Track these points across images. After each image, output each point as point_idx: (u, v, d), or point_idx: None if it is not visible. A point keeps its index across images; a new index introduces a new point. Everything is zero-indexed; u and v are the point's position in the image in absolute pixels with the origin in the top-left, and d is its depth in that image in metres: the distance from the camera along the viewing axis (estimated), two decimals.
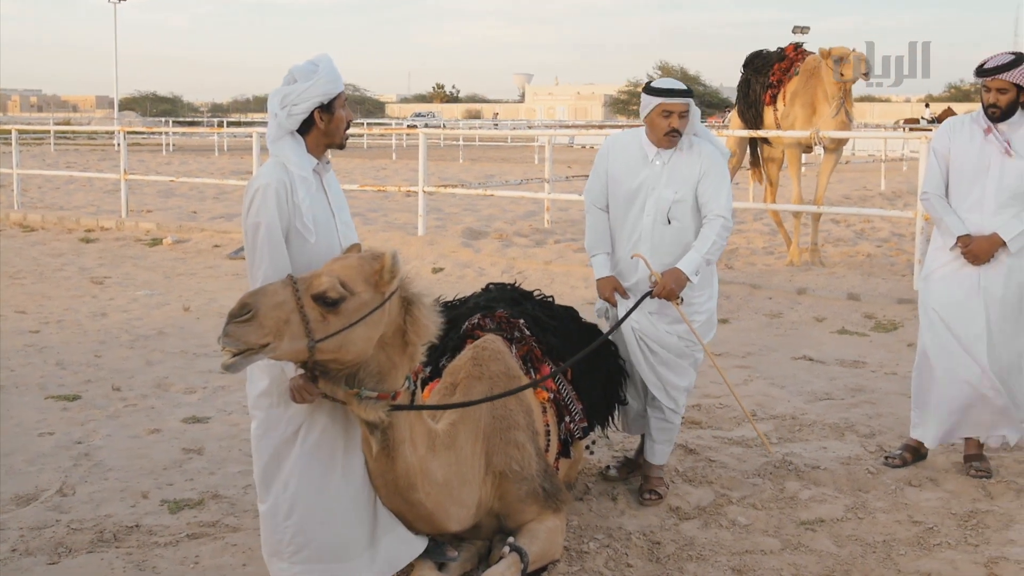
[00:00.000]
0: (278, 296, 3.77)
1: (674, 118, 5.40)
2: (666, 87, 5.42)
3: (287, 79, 4.23)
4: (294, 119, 4.19)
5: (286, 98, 4.18)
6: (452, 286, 11.43)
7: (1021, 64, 5.80)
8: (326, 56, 4.31)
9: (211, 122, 63.84)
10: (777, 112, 13.41)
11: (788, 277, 12.41)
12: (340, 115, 4.29)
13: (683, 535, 5.24)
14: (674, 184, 5.46)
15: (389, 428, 4.07)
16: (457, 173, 32.17)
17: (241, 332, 3.68)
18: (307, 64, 4.24)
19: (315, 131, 4.24)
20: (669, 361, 5.59)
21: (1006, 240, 5.85)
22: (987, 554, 5.02)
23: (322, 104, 4.20)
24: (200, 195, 23.48)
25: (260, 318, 3.69)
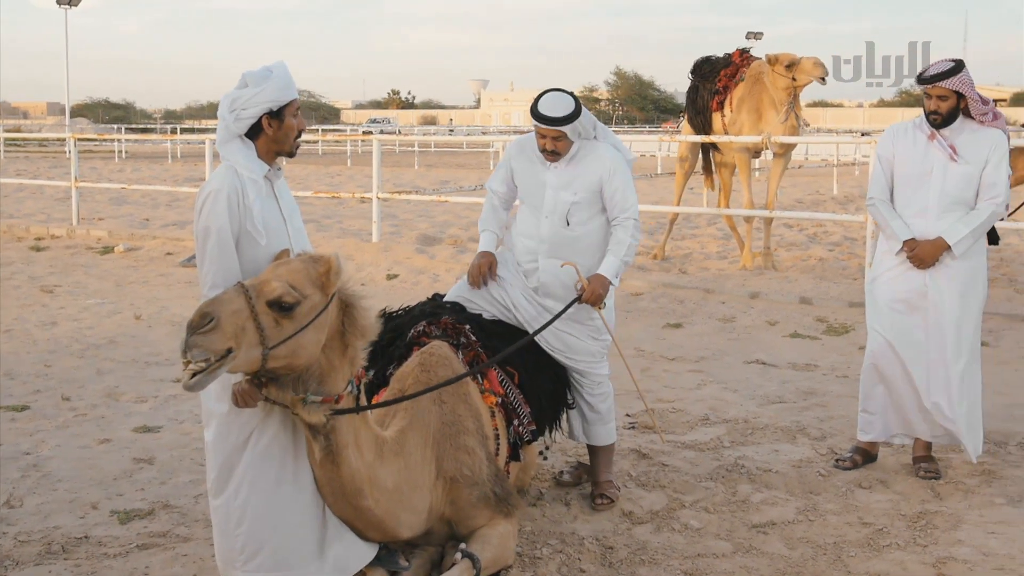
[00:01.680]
0: (234, 304, 3.76)
1: (548, 141, 5.43)
2: (541, 111, 5.38)
3: (240, 83, 4.24)
4: (241, 123, 4.19)
5: (235, 102, 4.18)
6: (407, 292, 11.42)
7: (960, 72, 5.91)
8: (282, 63, 4.31)
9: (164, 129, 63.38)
10: (725, 118, 13.50)
11: (741, 281, 12.48)
12: (290, 123, 4.28)
13: (636, 539, 5.25)
14: (573, 186, 5.50)
15: (332, 433, 4.06)
16: (412, 179, 32.13)
17: (207, 342, 3.66)
18: (261, 70, 4.25)
19: (264, 137, 4.24)
20: (577, 358, 5.63)
21: (951, 244, 5.93)
22: (935, 554, 5.07)
23: (271, 111, 4.20)
24: (153, 202, 23.29)
25: (222, 326, 3.69)
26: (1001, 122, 6.10)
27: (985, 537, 5.26)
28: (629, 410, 7.41)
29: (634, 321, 10.55)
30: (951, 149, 5.96)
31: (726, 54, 13.90)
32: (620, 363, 7.56)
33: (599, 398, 5.72)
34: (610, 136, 5.72)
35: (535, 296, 5.58)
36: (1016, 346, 9.37)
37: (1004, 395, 7.74)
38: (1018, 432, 6.93)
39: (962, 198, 5.99)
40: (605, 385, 5.74)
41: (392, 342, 5.26)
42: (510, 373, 5.31)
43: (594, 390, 5.69)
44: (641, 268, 13.46)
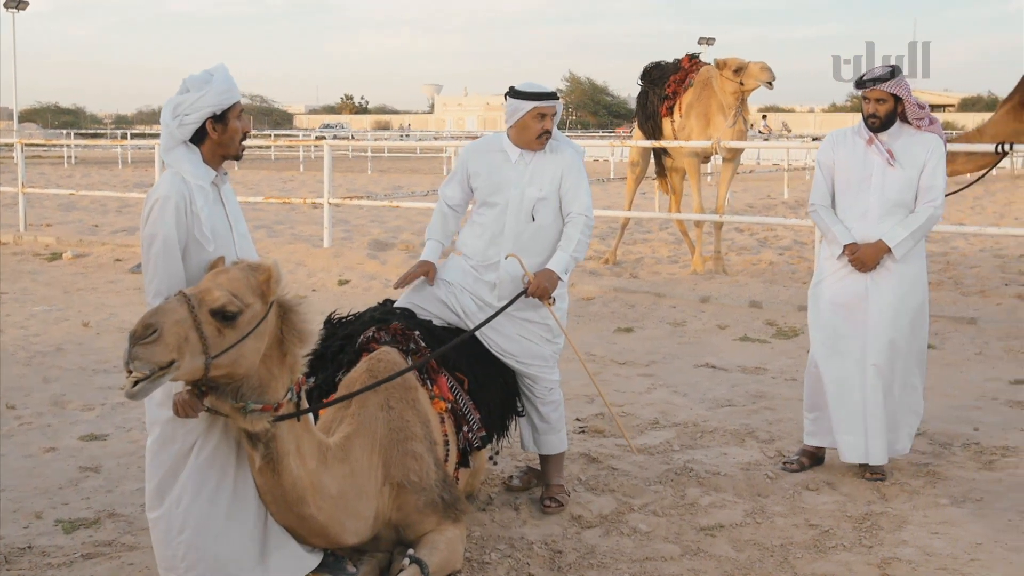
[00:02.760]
0: (176, 313, 3.74)
1: (547, 120, 5.53)
2: (538, 91, 5.52)
3: (181, 89, 4.22)
4: (185, 129, 4.16)
5: (177, 108, 4.16)
6: (358, 298, 11.39)
7: (898, 76, 6.02)
8: (222, 66, 4.29)
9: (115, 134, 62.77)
10: (674, 123, 13.58)
11: (692, 286, 12.55)
12: (234, 126, 4.26)
13: (585, 543, 5.26)
14: (538, 182, 5.56)
15: (273, 441, 4.05)
16: (365, 184, 32.01)
17: (149, 353, 3.64)
18: (201, 74, 4.23)
19: (209, 142, 4.22)
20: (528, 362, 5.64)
21: (891, 247, 6.01)
22: (880, 555, 5.12)
23: (214, 114, 4.18)
24: (102, 208, 23.09)
25: (165, 337, 3.66)
26: (937, 127, 6.20)
27: (929, 537, 5.32)
28: (579, 414, 7.43)
29: (585, 325, 10.58)
30: (888, 154, 6.04)
31: (675, 60, 13.98)
32: (571, 367, 7.61)
33: (550, 407, 5.73)
34: (562, 136, 5.79)
35: (485, 302, 5.59)
36: (961, 348, 9.49)
37: (949, 397, 7.83)
38: (962, 433, 7.01)
39: (901, 202, 6.07)
40: (556, 392, 5.76)
41: (341, 348, 5.25)
42: (460, 379, 5.31)
43: (545, 397, 5.70)
44: (592, 273, 13.51)
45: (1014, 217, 21.90)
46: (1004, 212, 23.11)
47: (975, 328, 10.16)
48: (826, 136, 6.55)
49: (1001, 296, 11.69)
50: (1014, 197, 27.76)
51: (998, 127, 11.55)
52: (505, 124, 5.68)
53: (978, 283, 12.76)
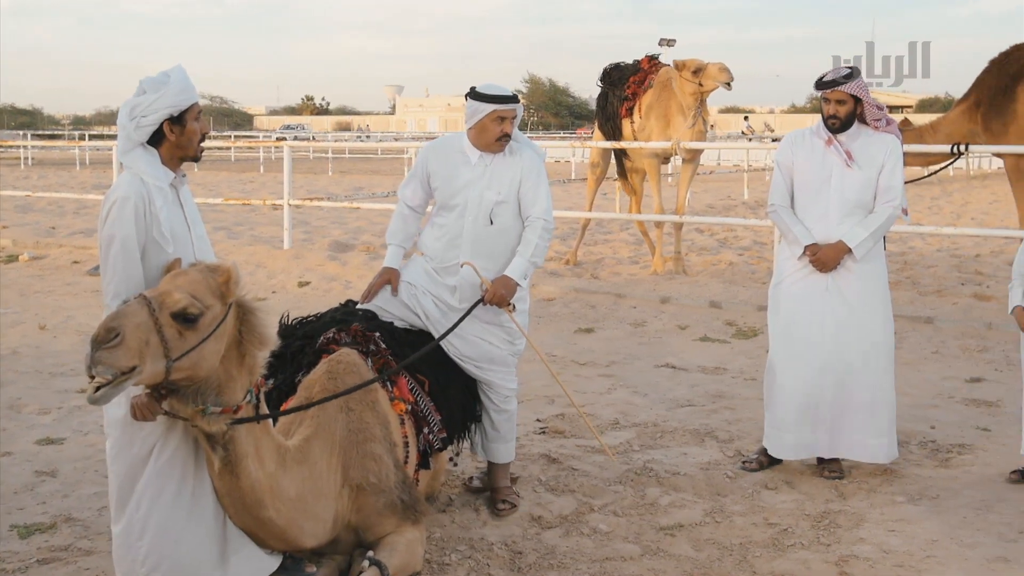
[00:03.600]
0: (138, 316, 3.72)
1: (507, 123, 5.51)
2: (497, 93, 5.51)
3: (138, 90, 4.19)
4: (143, 131, 4.14)
5: (135, 110, 4.13)
6: (318, 300, 11.34)
7: (857, 77, 6.07)
8: (179, 67, 4.27)
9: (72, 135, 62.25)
10: (634, 125, 13.63)
11: (652, 286, 12.59)
12: (193, 127, 4.24)
13: (545, 544, 5.27)
14: (496, 185, 5.54)
15: (231, 443, 4.03)
16: (326, 186, 31.93)
17: (112, 358, 3.62)
18: (159, 75, 4.21)
19: (167, 143, 4.20)
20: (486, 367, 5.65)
21: (851, 247, 6.05)
22: (838, 553, 5.16)
23: (172, 116, 4.16)
24: (60, 210, 22.88)
25: (127, 341, 3.64)
26: (894, 127, 6.26)
27: (886, 535, 5.37)
28: (540, 415, 7.44)
29: (546, 326, 10.59)
30: (847, 155, 6.09)
31: (635, 61, 14.04)
32: (532, 368, 7.62)
33: (503, 416, 5.73)
34: (523, 137, 5.79)
35: (446, 304, 5.58)
36: (919, 347, 9.58)
37: (907, 395, 7.89)
38: (919, 432, 7.08)
39: (860, 202, 6.12)
40: (511, 402, 5.76)
41: (301, 349, 5.23)
42: (420, 381, 5.30)
43: (500, 405, 5.70)
44: (553, 274, 13.53)
45: (970, 217, 22.12)
46: (961, 212, 23.35)
47: (932, 327, 10.26)
48: (785, 137, 6.59)
49: (957, 295, 11.80)
50: (970, 197, 28.06)
51: (953, 126, 11.70)
52: (465, 125, 5.67)
53: (935, 283, 12.88)
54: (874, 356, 6.18)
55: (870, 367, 6.17)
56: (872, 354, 6.17)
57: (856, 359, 6.14)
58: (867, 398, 6.16)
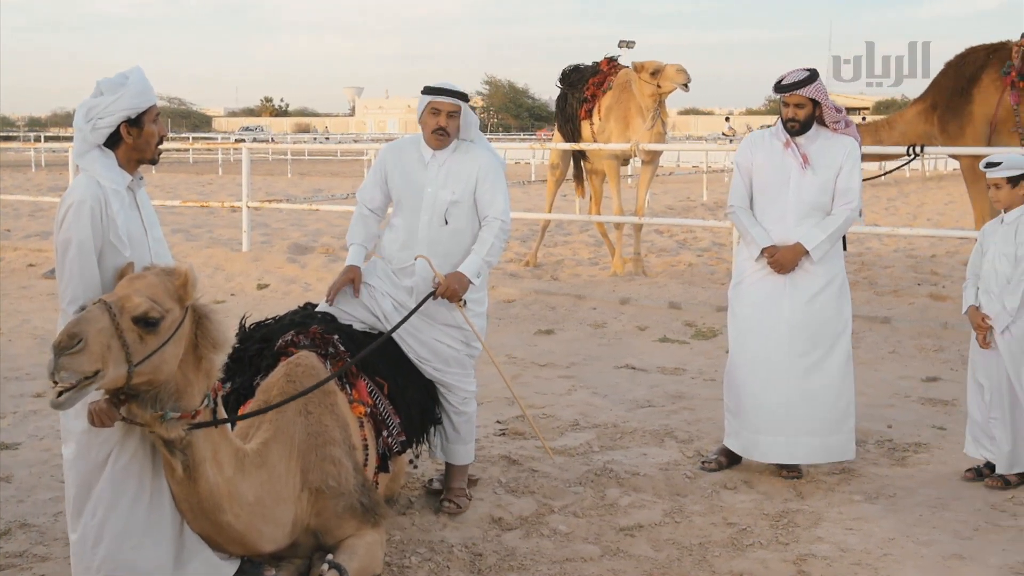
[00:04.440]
0: (100, 322, 3.70)
1: (442, 116, 5.51)
2: (436, 86, 5.53)
3: (95, 92, 4.15)
4: (99, 133, 4.11)
5: (91, 111, 4.10)
6: (277, 302, 11.29)
7: (816, 80, 6.11)
8: (137, 69, 4.24)
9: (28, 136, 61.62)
10: (593, 126, 13.66)
11: (612, 287, 12.63)
12: (150, 130, 4.21)
13: (505, 546, 5.27)
14: (451, 185, 5.55)
15: (189, 448, 4.00)
16: (285, 188, 31.80)
17: (75, 363, 3.59)
18: (116, 77, 4.17)
19: (124, 146, 4.17)
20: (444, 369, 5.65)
21: (809, 249, 6.09)
22: (796, 552, 5.20)
23: (129, 118, 4.13)
24: (15, 212, 22.62)
25: (90, 346, 3.62)
26: (852, 129, 6.30)
27: (844, 534, 5.41)
28: (500, 416, 7.45)
29: (506, 328, 10.60)
30: (803, 158, 6.13)
31: (594, 62, 14.08)
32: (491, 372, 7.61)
33: (463, 418, 5.74)
34: (484, 141, 5.78)
35: (404, 306, 5.58)
36: (875, 347, 9.66)
37: (864, 395, 7.93)
38: (876, 430, 7.14)
39: (818, 204, 6.16)
40: (470, 404, 5.77)
41: (260, 352, 5.21)
42: (380, 384, 5.29)
43: (459, 407, 5.71)
44: (513, 275, 13.54)
45: (926, 218, 22.33)
46: (917, 213, 23.56)
47: (889, 327, 10.35)
48: (744, 138, 6.62)
49: (914, 295, 11.91)
50: (926, 199, 28.32)
51: (909, 126, 11.81)
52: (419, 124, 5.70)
53: (891, 283, 12.99)
54: (832, 356, 6.22)
55: (828, 367, 6.22)
56: (830, 354, 6.22)
57: (814, 360, 6.18)
58: (826, 398, 6.20)
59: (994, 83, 11.18)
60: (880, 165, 11.86)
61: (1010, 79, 11.02)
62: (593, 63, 14.08)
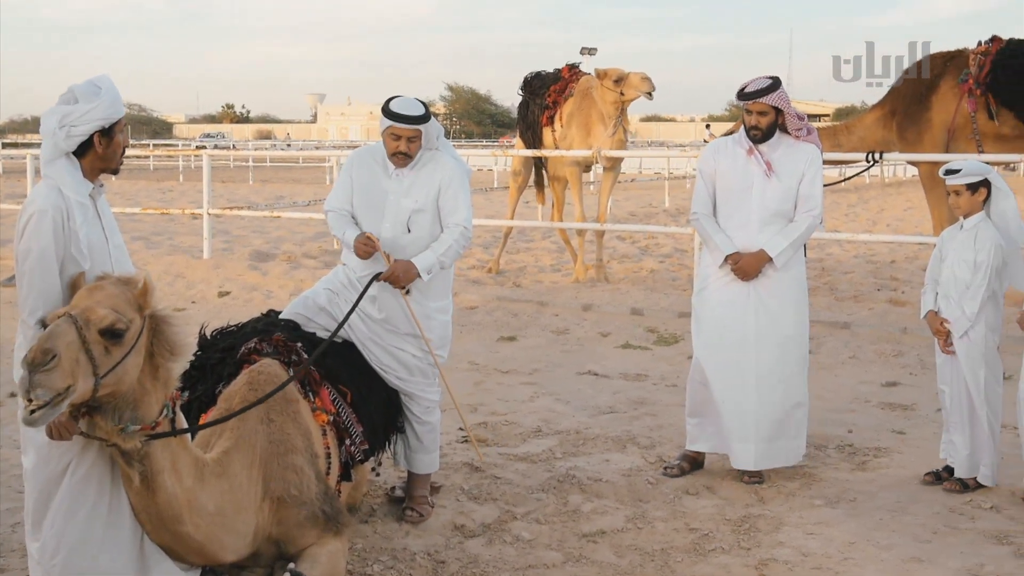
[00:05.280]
0: (68, 336, 3.67)
1: (402, 142, 5.50)
2: (397, 111, 5.48)
3: (66, 98, 4.11)
4: (72, 140, 4.07)
5: (66, 118, 4.06)
6: (239, 310, 11.24)
7: (779, 88, 6.15)
8: (107, 77, 4.21)
9: None
10: (555, 133, 13.68)
11: (574, 294, 12.64)
12: (119, 140, 4.20)
13: (467, 553, 5.27)
14: (415, 194, 5.55)
15: (146, 459, 3.97)
16: (247, 195, 31.64)
17: (50, 380, 3.57)
18: (89, 85, 4.13)
19: (92, 154, 4.14)
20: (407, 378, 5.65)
21: (772, 256, 6.13)
22: (758, 556, 5.23)
23: (103, 128, 4.10)
24: None
25: (63, 363, 3.60)
26: (814, 137, 6.35)
27: (805, 538, 5.45)
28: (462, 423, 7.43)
29: (468, 334, 10.59)
30: (767, 165, 6.17)
31: (556, 69, 14.08)
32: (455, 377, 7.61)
33: (426, 427, 5.74)
34: (449, 148, 5.77)
35: (366, 314, 5.57)
36: (835, 352, 9.72)
37: (824, 400, 8.01)
38: (837, 435, 7.19)
39: (781, 211, 6.21)
40: (433, 413, 5.76)
41: (222, 360, 5.18)
42: (343, 392, 5.28)
43: (422, 416, 5.70)
44: (475, 282, 13.53)
45: (886, 224, 22.50)
46: (877, 219, 23.74)
47: (849, 332, 10.41)
48: (707, 145, 6.66)
49: (874, 301, 12.00)
50: (886, 204, 28.53)
51: (868, 132, 11.92)
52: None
53: (852, 288, 13.08)
54: (790, 362, 6.27)
55: (786, 372, 6.27)
56: (788, 360, 6.26)
57: (775, 365, 6.23)
58: (785, 403, 6.26)
59: (952, 90, 11.30)
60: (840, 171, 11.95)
61: (967, 87, 11.14)
62: (555, 70, 14.08)
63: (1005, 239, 6.09)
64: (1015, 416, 6.06)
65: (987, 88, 11.03)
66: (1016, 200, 6.25)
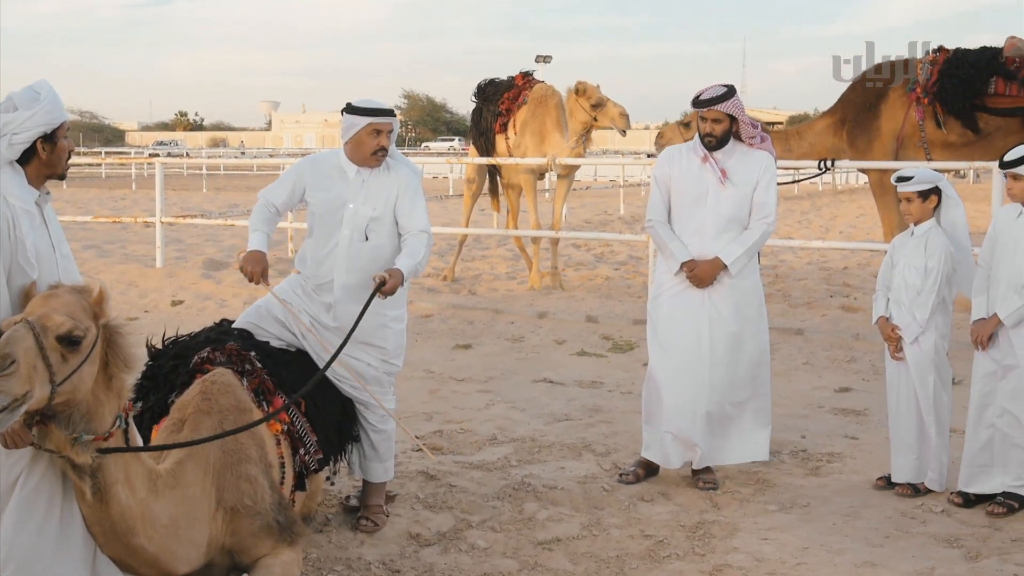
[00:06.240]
0: (26, 341, 3.63)
1: (383, 137, 5.49)
2: (374, 107, 5.50)
3: (5, 106, 4.07)
4: (15, 149, 4.03)
5: (6, 127, 4.02)
6: (192, 319, 11.16)
7: (733, 96, 6.19)
8: (46, 83, 4.17)
9: None
10: (509, 141, 13.67)
11: (529, 301, 12.66)
12: (63, 145, 4.16)
13: (423, 562, 5.26)
14: (372, 201, 5.53)
15: (99, 471, 3.93)
16: (200, 203, 31.44)
17: (9, 385, 3.54)
18: (28, 91, 4.09)
19: (36, 161, 4.10)
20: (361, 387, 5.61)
21: (727, 263, 6.17)
22: (712, 562, 5.25)
23: (45, 134, 4.06)
24: None
25: (21, 367, 3.57)
26: (768, 144, 6.39)
27: (759, 543, 5.48)
28: (418, 432, 7.41)
29: (424, 342, 10.58)
30: (721, 172, 6.21)
31: (509, 77, 14.08)
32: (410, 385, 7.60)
33: (380, 435, 5.71)
34: (399, 154, 5.78)
35: (320, 322, 5.55)
36: (789, 358, 9.79)
37: (779, 406, 8.03)
38: (791, 441, 7.24)
39: (736, 218, 6.25)
40: (388, 422, 5.73)
41: (175, 369, 5.14)
42: (297, 401, 5.24)
43: (377, 425, 5.68)
44: (431, 290, 13.52)
45: (838, 231, 22.71)
46: (829, 226, 23.95)
47: (802, 339, 10.50)
48: (662, 152, 6.69)
49: (827, 307, 12.10)
50: (838, 211, 28.81)
51: (818, 138, 12.07)
52: (341, 140, 5.64)
53: (805, 295, 13.19)
54: (751, 368, 6.32)
55: (747, 379, 6.31)
56: (744, 364, 6.31)
57: (733, 372, 6.27)
58: (746, 409, 6.31)
59: (900, 99, 11.46)
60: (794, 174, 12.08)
61: (915, 95, 11.30)
62: (508, 77, 14.06)
63: (955, 246, 6.17)
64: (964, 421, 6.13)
65: (934, 97, 11.20)
66: (965, 208, 6.34)
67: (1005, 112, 11.05)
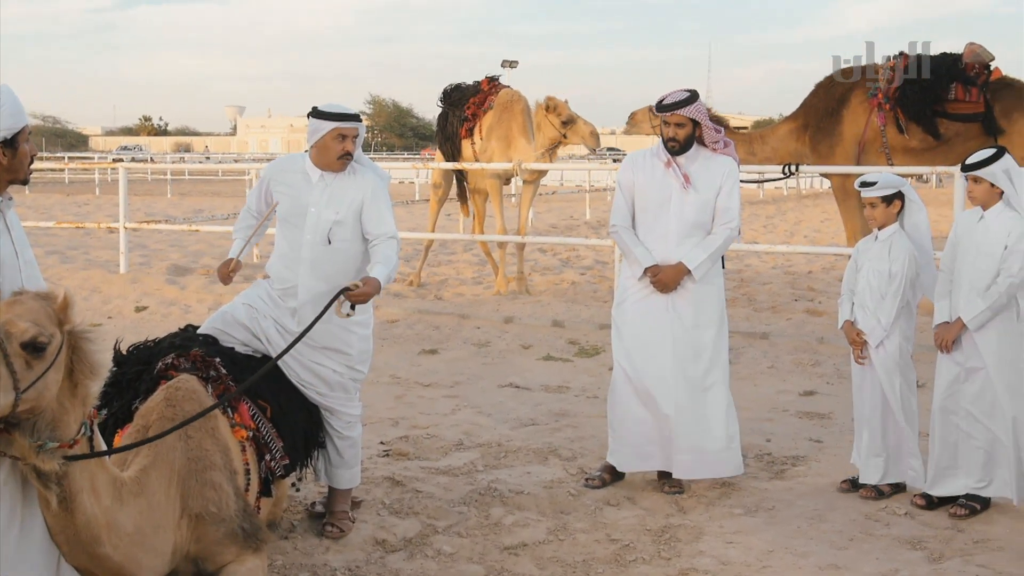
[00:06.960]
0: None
1: (348, 142, 5.48)
2: (339, 111, 5.49)
3: None
4: None
5: None
6: (156, 325, 11.09)
7: (696, 101, 6.22)
8: (6, 87, 4.12)
9: None
10: (475, 146, 13.66)
11: (495, 306, 12.66)
12: (24, 150, 4.11)
13: (389, 568, 5.25)
14: (335, 205, 5.51)
15: (64, 479, 3.89)
16: (165, 208, 31.27)
17: None
18: None
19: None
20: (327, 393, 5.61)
21: (691, 268, 6.19)
22: (678, 566, 5.27)
23: (6, 139, 4.02)
24: None
25: None
26: (731, 149, 6.42)
27: (724, 547, 5.50)
28: (384, 437, 7.41)
29: (390, 348, 10.56)
30: (684, 177, 6.23)
31: (475, 82, 14.07)
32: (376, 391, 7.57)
33: (346, 442, 5.69)
34: (365, 158, 5.76)
35: (285, 328, 5.53)
36: (754, 362, 9.84)
37: (744, 410, 8.05)
38: (756, 444, 7.27)
39: (699, 223, 6.27)
40: (354, 428, 5.72)
41: (139, 376, 5.10)
42: (262, 407, 5.22)
43: (343, 431, 5.66)
44: (397, 295, 13.49)
45: (803, 235, 22.84)
46: (794, 231, 24.09)
47: (767, 342, 10.54)
48: (625, 158, 6.71)
49: (791, 311, 12.17)
50: (803, 216, 28.98)
51: (780, 143, 12.16)
52: (307, 145, 5.63)
53: (770, 299, 13.25)
54: (715, 372, 6.34)
55: (712, 383, 6.33)
56: (713, 370, 6.33)
57: (699, 376, 6.29)
58: (714, 413, 6.32)
59: (862, 104, 11.57)
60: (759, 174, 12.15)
61: (877, 101, 11.40)
62: (474, 82, 14.05)
63: (918, 250, 6.22)
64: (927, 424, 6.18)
65: (896, 103, 11.30)
66: (928, 213, 6.40)
67: (965, 118, 11.18)
